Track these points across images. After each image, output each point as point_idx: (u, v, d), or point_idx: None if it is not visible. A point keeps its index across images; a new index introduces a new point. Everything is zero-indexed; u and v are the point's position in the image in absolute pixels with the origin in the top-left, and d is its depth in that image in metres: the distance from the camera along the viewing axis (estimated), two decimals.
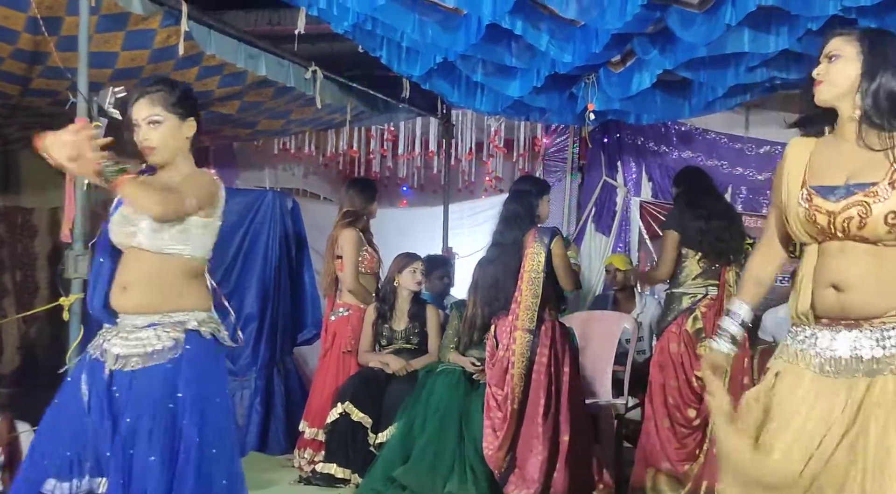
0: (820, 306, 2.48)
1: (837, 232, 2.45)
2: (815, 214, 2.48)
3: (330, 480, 5.35)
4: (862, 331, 2.43)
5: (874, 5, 4.29)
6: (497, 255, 5.11)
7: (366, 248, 5.88)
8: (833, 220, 2.45)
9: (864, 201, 2.41)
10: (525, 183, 5.47)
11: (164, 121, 3.00)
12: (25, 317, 7.22)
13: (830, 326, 2.47)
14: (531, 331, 4.93)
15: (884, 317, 2.41)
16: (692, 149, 8.19)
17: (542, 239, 5.00)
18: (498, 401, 4.95)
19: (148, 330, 2.94)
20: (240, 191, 7.65)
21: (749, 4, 4.38)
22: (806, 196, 2.51)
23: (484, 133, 8.84)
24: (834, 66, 2.53)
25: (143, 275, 2.97)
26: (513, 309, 4.98)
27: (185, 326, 2.96)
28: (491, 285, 5.10)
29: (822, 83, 2.53)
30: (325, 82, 5.91)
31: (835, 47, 2.55)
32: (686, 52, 5.08)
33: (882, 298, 2.42)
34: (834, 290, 2.45)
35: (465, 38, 4.74)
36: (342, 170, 9.29)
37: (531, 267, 4.97)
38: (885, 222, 2.39)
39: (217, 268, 6.32)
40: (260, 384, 6.24)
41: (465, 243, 8.21)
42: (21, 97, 5.47)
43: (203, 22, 4.82)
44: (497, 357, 5.00)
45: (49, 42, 4.45)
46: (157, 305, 2.96)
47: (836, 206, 2.45)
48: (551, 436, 4.90)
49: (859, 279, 2.43)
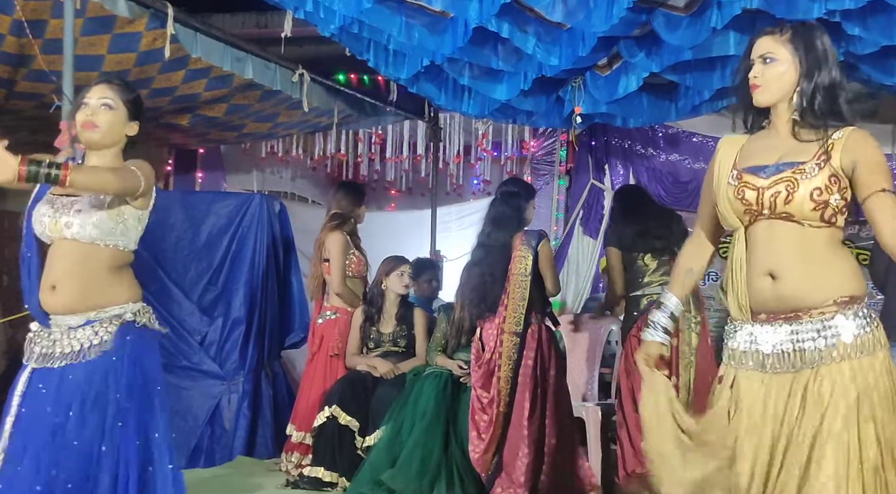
0: (757, 298, 2.52)
1: (764, 208, 2.49)
2: (743, 190, 2.53)
3: (317, 484, 5.34)
4: (802, 324, 2.47)
5: (858, 8, 4.32)
6: (483, 257, 5.11)
7: (353, 252, 5.88)
8: (761, 196, 2.49)
9: (792, 177, 2.47)
10: (513, 185, 5.46)
11: (116, 109, 3.03)
12: (12, 322, 7.20)
13: (770, 321, 2.51)
14: (517, 334, 4.93)
15: (822, 308, 2.45)
16: (679, 152, 8.21)
17: (529, 242, 5.01)
18: (483, 404, 4.95)
19: (85, 328, 2.93)
20: (227, 194, 7.65)
21: (734, 8, 4.40)
22: (736, 175, 2.56)
23: (472, 136, 8.84)
24: (770, 69, 2.56)
25: (72, 270, 2.94)
26: (499, 312, 4.98)
27: (122, 318, 2.97)
28: (477, 287, 5.09)
29: (760, 87, 2.57)
30: (312, 85, 5.91)
31: (768, 48, 2.58)
32: (672, 56, 5.09)
33: (817, 287, 2.46)
34: (770, 279, 2.49)
35: (451, 41, 4.74)
36: (330, 174, 9.28)
37: (519, 270, 4.97)
38: (810, 198, 2.44)
39: (204, 272, 6.31)
40: (247, 388, 6.21)
41: (452, 246, 8.21)
42: (6, 100, 5.46)
43: (189, 25, 4.82)
44: (483, 359, 5.00)
45: (34, 45, 4.44)
46: (88, 302, 2.94)
47: (764, 182, 2.50)
48: (537, 439, 4.90)
49: (792, 263, 2.47)
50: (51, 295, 2.95)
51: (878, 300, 5.26)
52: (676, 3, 4.59)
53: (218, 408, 6.12)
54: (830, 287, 2.46)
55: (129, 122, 3.07)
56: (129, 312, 2.99)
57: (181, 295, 6.22)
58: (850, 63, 5.13)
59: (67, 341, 2.92)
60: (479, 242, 5.17)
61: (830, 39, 2.64)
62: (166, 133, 7.01)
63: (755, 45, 2.61)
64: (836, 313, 2.45)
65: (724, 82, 5.50)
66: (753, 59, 2.59)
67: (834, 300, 2.45)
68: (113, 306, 2.97)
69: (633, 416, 5.10)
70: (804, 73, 2.54)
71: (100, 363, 2.90)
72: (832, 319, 2.44)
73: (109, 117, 3.01)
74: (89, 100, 3.02)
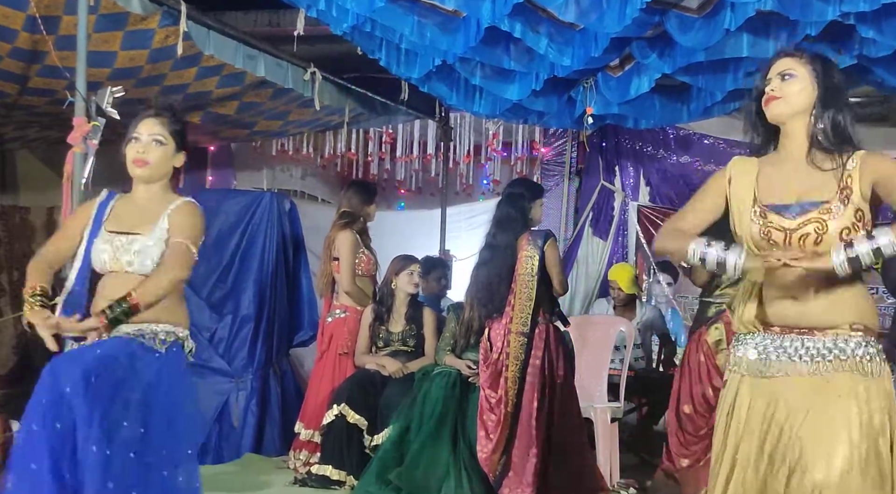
0: (774, 314, 2.55)
1: (793, 249, 2.49)
2: (770, 231, 2.53)
3: (325, 482, 5.34)
4: (816, 339, 2.51)
5: (873, 11, 4.30)
6: (490, 258, 5.11)
7: (363, 250, 5.88)
8: (789, 238, 2.51)
9: (820, 218, 2.48)
10: (518, 186, 5.45)
11: (166, 145, 3.15)
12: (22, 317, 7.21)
13: (782, 333, 2.54)
14: (525, 334, 4.93)
15: (838, 329, 2.50)
16: (690, 154, 8.18)
17: (535, 241, 5.00)
18: (491, 404, 4.95)
19: (135, 332, 3.03)
20: (237, 192, 7.65)
21: (748, 9, 4.38)
22: (760, 212, 2.56)
23: (482, 136, 8.83)
24: (789, 85, 2.57)
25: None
26: (506, 312, 4.98)
27: (172, 335, 3.08)
28: (484, 287, 5.10)
29: (778, 99, 2.57)
30: (323, 84, 5.91)
31: (788, 66, 2.59)
32: (685, 57, 5.08)
33: (836, 310, 2.50)
34: (793, 300, 2.52)
35: (463, 41, 4.74)
36: (340, 172, 9.28)
37: (525, 270, 4.96)
38: (840, 238, 2.46)
39: (214, 270, 6.32)
40: (256, 385, 6.22)
41: (462, 246, 8.20)
42: (19, 96, 5.47)
43: (202, 22, 4.82)
44: (491, 359, 4.99)
45: (47, 41, 4.45)
46: (144, 316, 3.00)
47: (791, 223, 2.51)
48: (546, 439, 4.89)
49: (815, 289, 2.49)
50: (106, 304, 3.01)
51: (890, 304, 5.26)
52: (690, 4, 4.58)
53: (226, 405, 6.13)
54: (849, 312, 2.51)
55: (177, 154, 3.20)
56: (180, 332, 3.11)
57: (190, 292, 6.19)
58: (863, 66, 5.11)
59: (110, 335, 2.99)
60: (485, 243, 5.18)
61: (844, 42, 2.65)
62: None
63: (774, 65, 2.62)
64: (849, 336, 2.50)
65: (736, 84, 5.48)
66: (771, 78, 2.60)
67: (850, 324, 2.50)
68: (166, 323, 3.08)
69: (672, 418, 5.10)
70: (820, 96, 2.56)
71: (144, 347, 2.98)
72: (844, 340, 2.50)
73: (160, 153, 3.14)
74: (140, 136, 3.13)
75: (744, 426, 2.56)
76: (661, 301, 7.60)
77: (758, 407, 2.55)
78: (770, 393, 2.53)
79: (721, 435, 2.65)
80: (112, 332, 2.95)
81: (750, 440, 2.54)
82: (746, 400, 2.58)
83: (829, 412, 2.45)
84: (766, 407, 2.53)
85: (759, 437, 2.53)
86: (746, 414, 2.57)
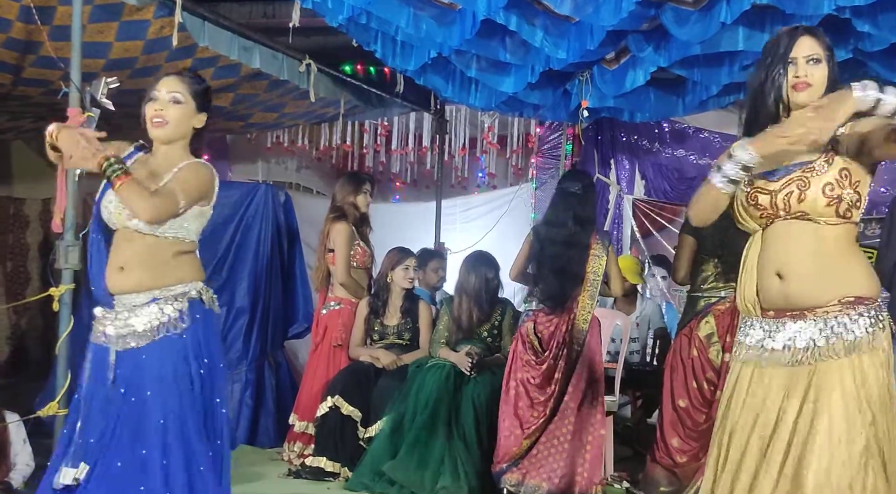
0: (765, 296, 2.57)
1: (779, 210, 2.52)
2: (756, 196, 2.56)
3: (319, 474, 5.34)
4: (806, 322, 2.51)
5: (868, 5, 4.30)
6: (563, 253, 4.99)
7: (357, 242, 5.87)
8: (774, 199, 2.53)
9: (803, 176, 2.50)
10: (587, 178, 5.32)
11: (185, 103, 3.07)
12: (16, 308, 7.20)
13: (777, 318, 2.55)
14: (584, 332, 4.97)
15: (826, 307, 2.49)
16: (685, 148, 8.20)
17: (603, 242, 5.04)
18: (533, 401, 4.95)
19: (151, 305, 2.99)
20: (232, 184, 7.63)
21: (744, 3, 4.39)
22: (748, 181, 2.58)
23: (477, 129, 8.83)
24: (818, 70, 2.56)
25: (139, 254, 3.01)
26: (569, 308, 4.98)
27: (187, 296, 3.03)
28: (556, 283, 4.99)
29: (812, 86, 2.55)
30: (319, 76, 5.90)
31: (814, 51, 2.56)
32: (680, 50, 5.08)
33: (822, 287, 2.50)
34: (777, 279, 2.53)
35: (459, 33, 4.74)
36: (335, 165, 9.28)
37: (593, 268, 4.98)
38: (823, 194, 2.47)
39: (209, 261, 6.29)
40: (250, 377, 6.23)
41: (457, 239, 8.22)
42: (13, 86, 5.45)
43: (197, 13, 4.81)
44: (544, 358, 4.98)
45: (42, 31, 4.43)
46: (156, 281, 2.99)
47: (776, 185, 2.54)
48: (580, 432, 4.93)
49: (799, 264, 2.51)
50: (118, 275, 3.01)
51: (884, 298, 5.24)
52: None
53: None
54: (836, 287, 2.50)
55: (197, 115, 3.12)
56: (193, 290, 3.05)
57: None
58: (858, 60, 5.12)
59: (136, 319, 2.98)
60: (561, 238, 5.01)
61: (839, 37, 2.66)
62: None
63: (797, 44, 2.56)
64: (839, 313, 2.49)
65: (731, 77, 5.49)
66: (798, 59, 2.56)
67: (839, 300, 2.49)
68: (178, 284, 3.03)
69: (669, 411, 5.11)
70: (831, 79, 2.56)
71: (167, 342, 2.96)
72: (835, 319, 2.49)
73: (178, 112, 3.06)
74: (158, 94, 3.06)
75: (740, 414, 2.58)
76: (656, 294, 7.62)
77: (755, 394, 2.56)
78: (767, 381, 2.54)
79: (719, 421, 2.66)
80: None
81: (745, 428, 2.56)
82: (745, 387, 2.59)
83: (827, 398, 2.44)
84: (764, 394, 2.54)
85: (753, 424, 2.54)
86: (744, 402, 2.58)
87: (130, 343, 2.96)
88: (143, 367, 2.94)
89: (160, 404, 2.90)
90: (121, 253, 3.02)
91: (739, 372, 2.63)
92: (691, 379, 5.03)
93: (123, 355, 2.96)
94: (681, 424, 5.06)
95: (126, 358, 2.96)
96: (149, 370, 2.93)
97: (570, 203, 5.07)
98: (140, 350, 2.95)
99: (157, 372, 2.93)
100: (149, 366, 2.94)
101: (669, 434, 5.08)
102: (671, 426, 5.09)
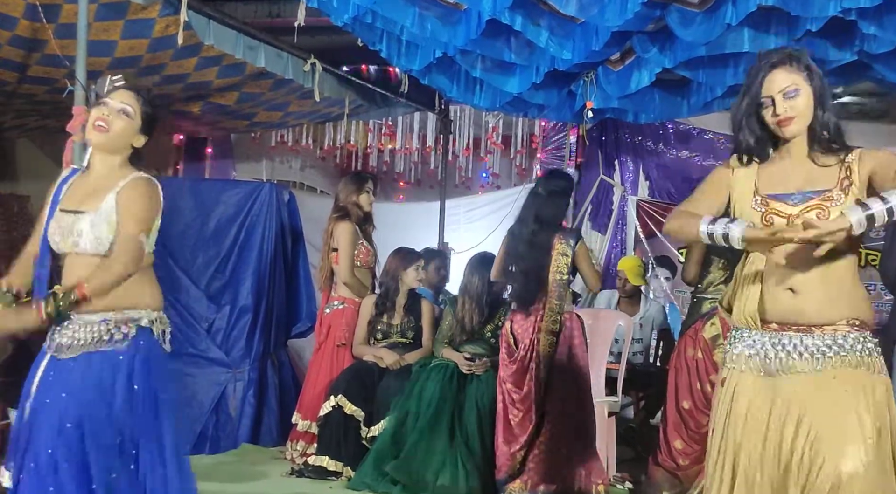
0: (772, 309, 2.57)
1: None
2: (772, 217, 2.56)
3: (322, 473, 5.35)
4: (813, 337, 2.53)
5: (874, 6, 4.30)
6: (527, 254, 4.99)
7: (361, 242, 5.87)
8: (791, 223, 2.52)
9: (822, 205, 2.52)
10: (561, 180, 5.28)
11: (132, 119, 3.01)
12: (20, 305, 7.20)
13: (780, 331, 2.56)
14: (555, 333, 4.95)
15: (836, 325, 2.53)
16: (690, 149, 8.18)
17: (567, 241, 5.00)
18: (515, 399, 4.95)
19: (100, 324, 2.94)
20: (237, 182, 7.66)
21: (750, 4, 4.38)
22: (761, 201, 2.60)
23: (482, 129, 8.83)
24: (797, 101, 2.57)
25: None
26: (535, 310, 4.97)
27: (137, 323, 2.97)
28: (522, 284, 5.01)
29: (794, 118, 2.57)
30: (323, 75, 5.91)
31: (790, 81, 2.58)
32: (685, 51, 5.08)
33: (833, 306, 2.53)
34: (790, 293, 2.54)
35: (464, 33, 4.73)
36: (339, 164, 9.28)
37: (557, 268, 4.96)
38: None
39: (213, 260, 6.32)
40: (253, 376, 6.22)
41: (461, 239, 8.21)
42: (18, 84, 5.47)
43: (202, 12, 4.82)
44: (517, 356, 4.98)
45: (47, 29, 4.44)
46: (107, 304, 2.93)
47: (794, 210, 2.55)
48: (571, 432, 4.92)
49: (813, 283, 2.52)
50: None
51: (888, 300, 5.25)
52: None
53: (223, 396, 6.13)
54: (844, 309, 2.54)
55: (139, 135, 3.05)
56: (145, 319, 2.99)
57: (189, 282, 6.23)
58: (863, 62, 5.11)
59: (82, 333, 2.93)
60: (523, 239, 5.02)
61: (845, 38, 2.66)
62: (177, 120, 7.02)
63: (768, 81, 2.60)
64: (847, 331, 2.53)
65: (736, 79, 5.48)
66: (772, 96, 2.59)
67: (847, 320, 2.53)
68: (131, 310, 2.97)
69: (672, 414, 5.10)
70: (816, 98, 2.59)
71: (106, 355, 2.92)
72: (843, 336, 2.52)
73: (122, 124, 2.99)
74: (109, 101, 2.99)
75: (744, 426, 2.57)
76: (659, 295, 7.61)
77: (760, 406, 2.55)
78: (773, 392, 2.54)
79: (719, 434, 2.65)
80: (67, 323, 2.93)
81: (753, 440, 2.55)
82: (746, 399, 2.58)
83: (839, 407, 2.46)
84: (770, 405, 2.54)
85: (764, 437, 2.53)
86: (747, 414, 2.57)
87: (68, 353, 2.93)
88: (67, 372, 2.91)
89: (73, 408, 2.86)
90: (70, 272, 2.97)
91: (737, 385, 2.62)
92: (695, 380, 5.02)
93: (57, 361, 2.94)
94: (684, 426, 5.05)
95: (59, 364, 2.93)
96: (72, 374, 2.90)
97: (533, 203, 5.08)
98: (75, 358, 2.92)
99: (80, 378, 2.89)
100: (74, 371, 2.90)
101: (672, 437, 5.07)
102: (674, 428, 5.08)
